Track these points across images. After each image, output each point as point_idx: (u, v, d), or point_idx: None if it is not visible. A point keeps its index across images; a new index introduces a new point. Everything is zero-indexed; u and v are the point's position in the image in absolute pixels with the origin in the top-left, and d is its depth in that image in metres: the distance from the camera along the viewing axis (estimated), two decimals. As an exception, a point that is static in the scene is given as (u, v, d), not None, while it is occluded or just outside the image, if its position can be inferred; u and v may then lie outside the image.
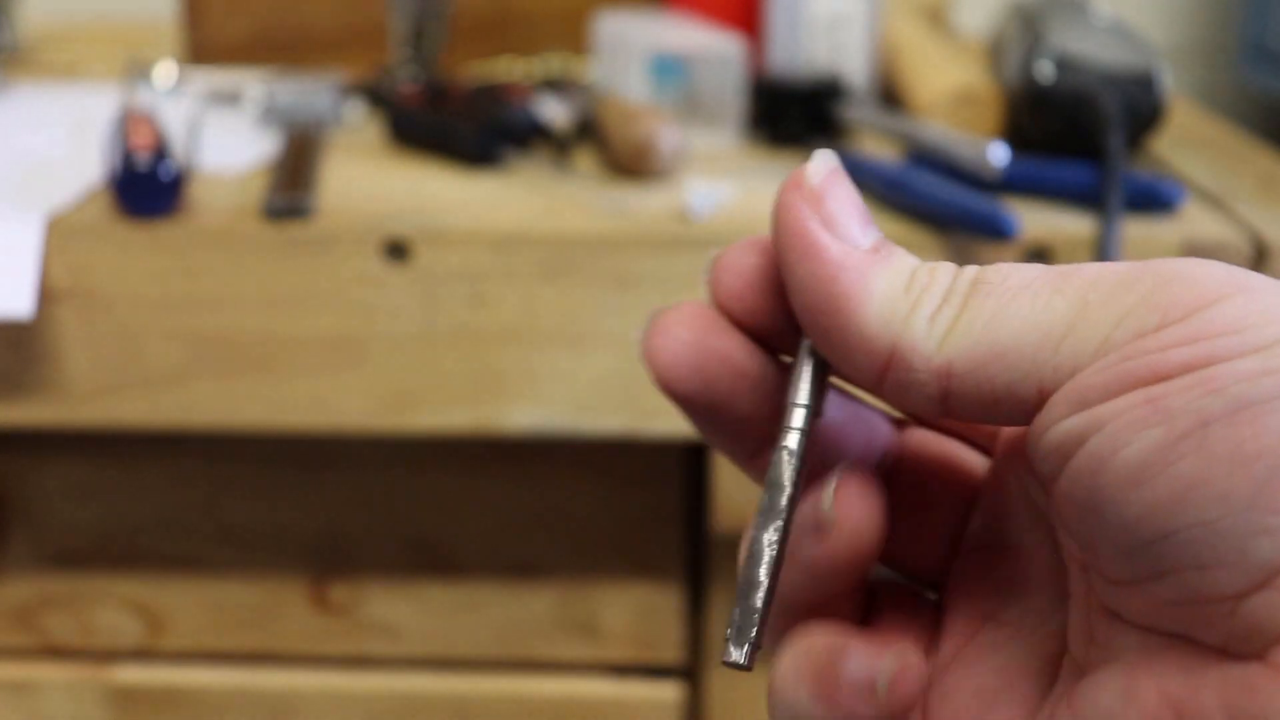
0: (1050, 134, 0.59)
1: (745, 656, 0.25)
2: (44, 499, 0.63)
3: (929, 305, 0.22)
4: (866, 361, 0.23)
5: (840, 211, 0.23)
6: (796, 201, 0.24)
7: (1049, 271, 0.22)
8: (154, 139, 0.55)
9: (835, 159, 0.24)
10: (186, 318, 0.54)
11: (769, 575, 0.24)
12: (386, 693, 0.65)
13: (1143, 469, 0.19)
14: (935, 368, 0.22)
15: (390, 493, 0.63)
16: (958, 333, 0.22)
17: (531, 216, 0.54)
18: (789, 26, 0.68)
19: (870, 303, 0.22)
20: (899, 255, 0.23)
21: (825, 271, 0.23)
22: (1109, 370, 0.20)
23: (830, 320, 0.23)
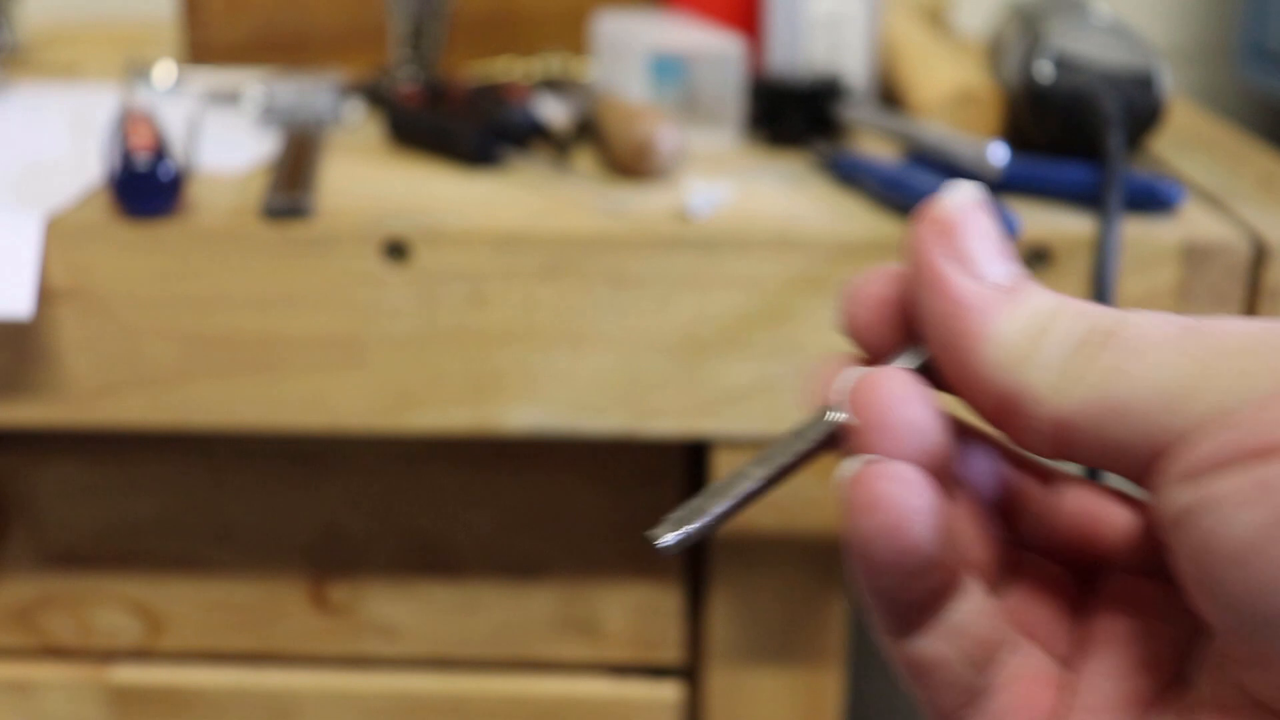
0: (1050, 134, 0.59)
1: (673, 539, 0.24)
2: (43, 499, 0.63)
3: (1050, 352, 0.21)
4: (984, 401, 0.22)
5: (973, 246, 0.23)
6: (927, 234, 0.23)
7: (1178, 327, 0.21)
8: (153, 139, 0.55)
9: (975, 191, 0.24)
10: (186, 317, 0.54)
11: (733, 500, 0.24)
12: (386, 693, 0.65)
13: (1245, 550, 0.19)
14: (1049, 416, 0.21)
15: (390, 493, 0.63)
16: (1076, 384, 0.21)
17: (531, 216, 0.54)
18: (789, 26, 0.68)
19: (990, 344, 0.22)
20: (1032, 295, 0.22)
21: (949, 308, 0.22)
22: (1221, 441, 0.19)
23: (951, 356, 0.23)
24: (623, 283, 0.53)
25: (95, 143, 0.62)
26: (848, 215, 0.55)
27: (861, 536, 0.22)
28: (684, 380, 0.54)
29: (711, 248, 0.53)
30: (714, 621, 0.63)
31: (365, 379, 0.55)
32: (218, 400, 0.55)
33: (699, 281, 0.53)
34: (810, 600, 0.62)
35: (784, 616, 0.62)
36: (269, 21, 0.78)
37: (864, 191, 0.57)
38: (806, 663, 0.63)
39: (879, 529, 0.22)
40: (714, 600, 0.62)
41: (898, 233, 0.53)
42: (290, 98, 0.68)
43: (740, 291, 0.53)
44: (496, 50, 0.80)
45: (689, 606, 0.65)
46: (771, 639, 0.63)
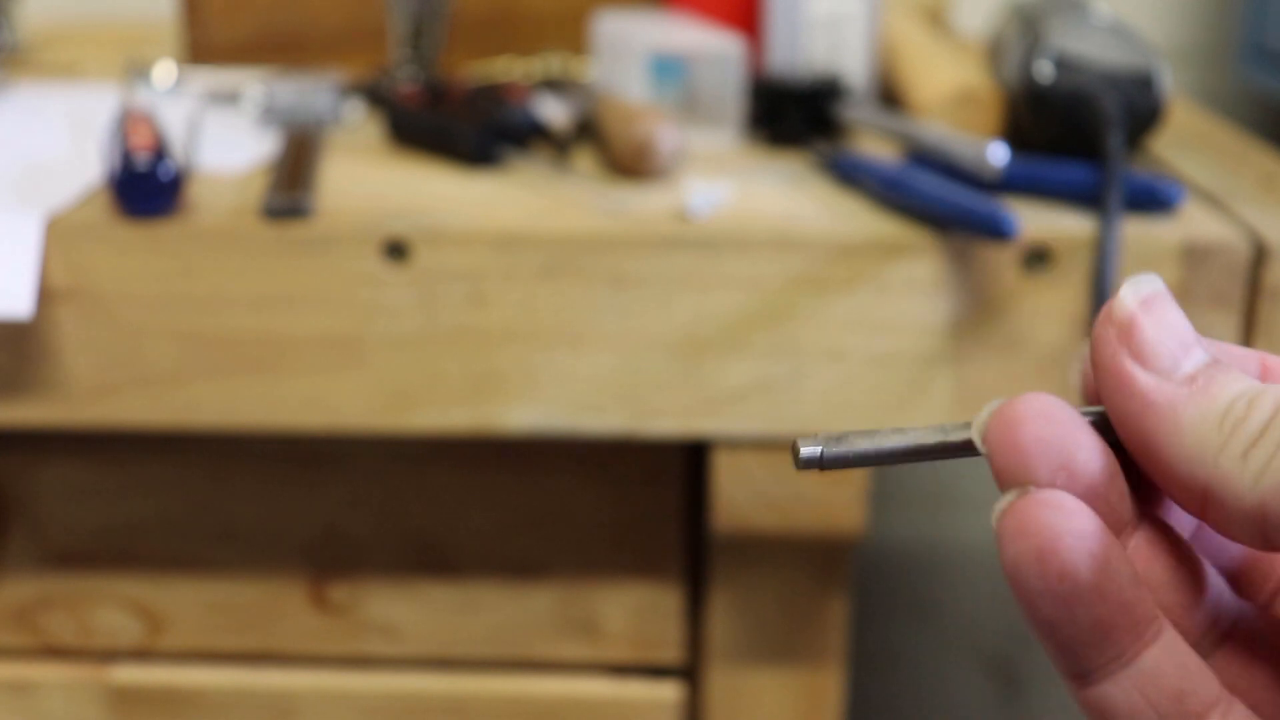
0: (1050, 134, 0.59)
1: (814, 449, 0.24)
2: (43, 499, 0.63)
3: (1242, 442, 0.21)
4: (1183, 497, 0.22)
5: (1154, 340, 0.23)
6: (1107, 334, 0.23)
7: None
8: (153, 139, 0.55)
9: (1156, 282, 0.23)
10: (186, 317, 0.54)
11: (896, 448, 0.24)
12: (386, 692, 0.65)
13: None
14: (1248, 509, 0.21)
15: (390, 493, 0.63)
16: (1271, 475, 0.20)
17: (531, 216, 0.54)
18: (788, 26, 0.68)
19: (1180, 440, 0.22)
20: (1221, 383, 0.22)
21: (1134, 406, 0.22)
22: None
23: (1146, 457, 0.22)
24: (623, 283, 0.53)
25: (95, 143, 0.62)
26: (848, 215, 0.55)
27: (1012, 565, 0.22)
28: (684, 380, 0.54)
29: (711, 248, 0.53)
30: (714, 621, 0.63)
31: (365, 379, 0.55)
32: (218, 400, 0.55)
33: (699, 281, 0.53)
34: (810, 600, 0.62)
35: (784, 616, 0.62)
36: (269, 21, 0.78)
37: (864, 191, 0.57)
38: (806, 663, 0.63)
39: (1027, 554, 0.22)
40: (714, 600, 0.62)
41: (898, 233, 0.53)
42: (290, 98, 0.68)
43: (740, 291, 0.53)
44: (496, 50, 0.80)
45: (689, 606, 0.65)
46: (771, 639, 0.63)
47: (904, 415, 0.55)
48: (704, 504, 0.61)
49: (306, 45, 0.79)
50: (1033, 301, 0.53)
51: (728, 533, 0.58)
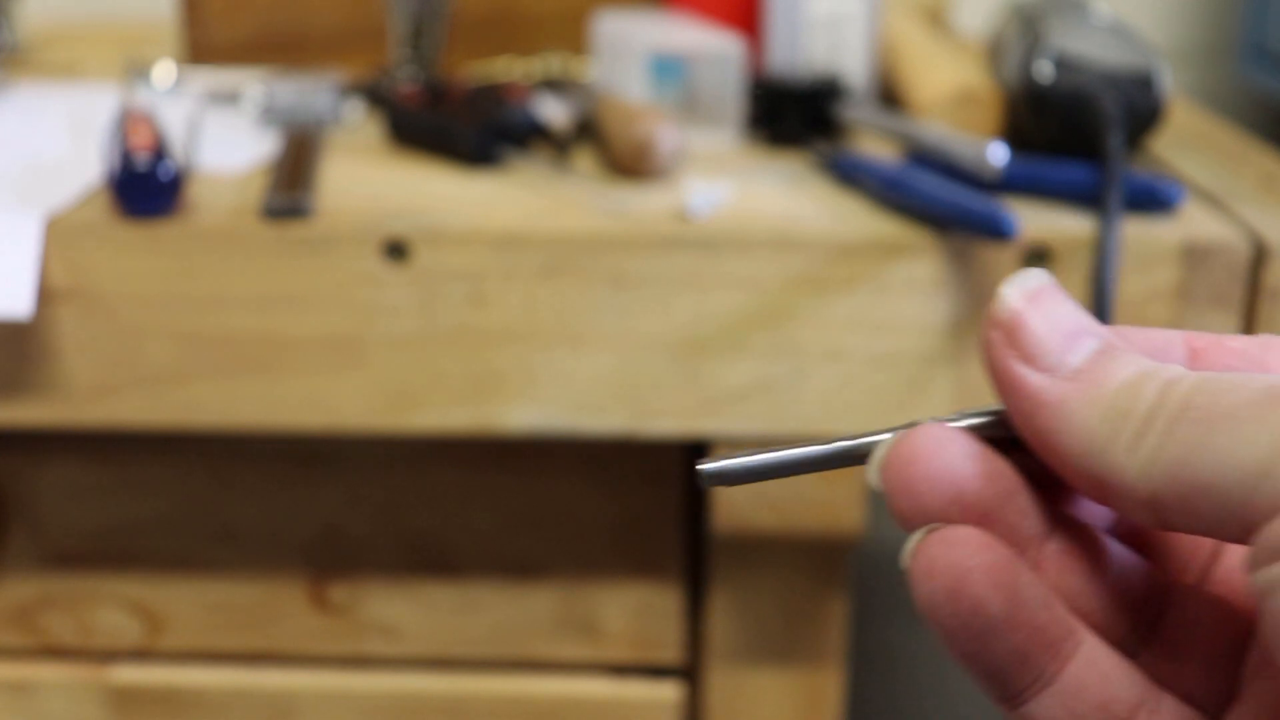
0: (1050, 134, 0.59)
1: (711, 466, 0.25)
2: (43, 499, 0.63)
3: (1128, 434, 0.21)
4: (1084, 489, 0.22)
5: (1039, 336, 0.23)
6: (993, 337, 0.23)
7: (1261, 394, 0.20)
8: (153, 139, 0.55)
9: (1040, 276, 0.23)
10: (186, 318, 0.54)
11: (787, 461, 0.24)
12: (386, 693, 0.65)
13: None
14: (1141, 499, 0.21)
15: (390, 493, 0.63)
16: (1159, 465, 0.21)
17: (531, 216, 0.54)
18: (788, 26, 0.68)
19: (1072, 435, 0.22)
20: (1108, 372, 0.22)
21: (1026, 407, 0.22)
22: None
23: (1044, 454, 0.22)
24: (623, 283, 0.53)
25: (95, 143, 0.62)
26: (848, 215, 0.55)
27: (926, 605, 0.22)
28: (684, 380, 0.54)
29: (711, 248, 0.53)
30: (714, 621, 0.63)
31: (365, 379, 0.55)
32: (218, 400, 0.55)
33: (699, 281, 0.53)
34: (810, 600, 0.62)
35: (784, 616, 0.62)
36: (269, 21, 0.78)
37: (864, 191, 0.57)
38: (806, 663, 0.63)
39: (938, 593, 0.22)
40: (714, 600, 0.62)
41: (898, 233, 0.53)
42: (290, 98, 0.68)
43: (740, 291, 0.53)
44: (496, 50, 0.80)
45: (689, 606, 0.65)
46: (771, 639, 0.63)
47: (904, 415, 0.55)
48: (704, 504, 0.61)
49: (306, 45, 0.79)
50: (1033, 301, 0.53)
51: (728, 533, 0.58)
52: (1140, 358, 0.22)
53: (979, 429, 0.24)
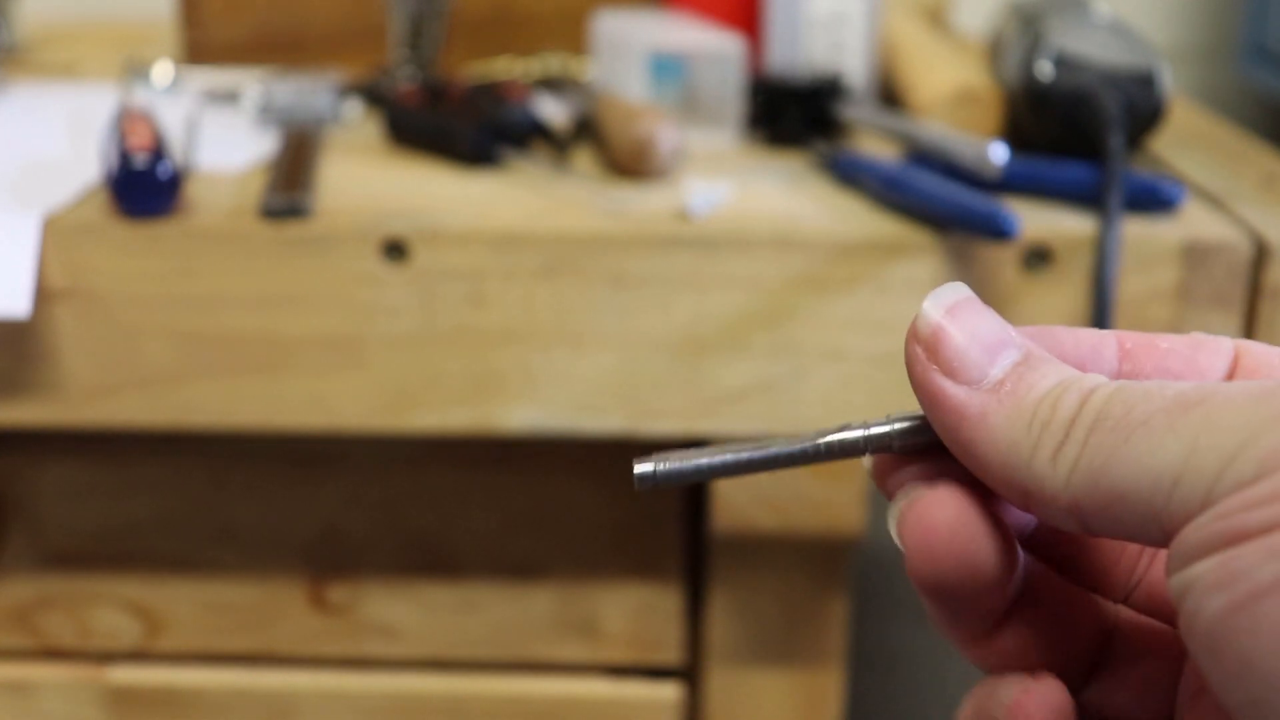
0: (1050, 133, 0.59)
1: (648, 468, 0.25)
2: (41, 499, 0.63)
3: (1049, 444, 0.21)
4: (1009, 499, 0.22)
5: (960, 350, 0.23)
6: (915, 352, 0.23)
7: (1173, 401, 0.20)
8: (152, 138, 0.55)
9: (959, 290, 0.24)
10: (184, 317, 0.54)
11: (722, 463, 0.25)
12: (385, 693, 0.65)
13: (1213, 637, 0.19)
14: (1064, 507, 0.21)
15: (389, 493, 0.63)
16: (1079, 473, 0.21)
17: (530, 216, 0.54)
18: (788, 26, 0.68)
19: (995, 447, 0.22)
20: (1028, 383, 0.22)
21: (950, 420, 0.23)
22: (1204, 530, 0.19)
23: (970, 465, 0.23)
24: (623, 283, 0.53)
25: (93, 142, 0.62)
26: (848, 215, 0.55)
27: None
28: (684, 380, 0.54)
29: (711, 248, 0.53)
30: (714, 622, 0.62)
31: (365, 379, 0.55)
32: (217, 400, 0.55)
33: (699, 281, 0.53)
34: (810, 600, 0.62)
35: (784, 616, 0.62)
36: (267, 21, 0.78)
37: (864, 191, 0.57)
38: (806, 663, 0.63)
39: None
40: (714, 601, 0.62)
41: (898, 232, 0.53)
42: (289, 97, 0.68)
43: (740, 291, 0.53)
44: (496, 50, 0.80)
45: (688, 607, 0.65)
46: (771, 639, 0.63)
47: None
48: (704, 504, 0.61)
49: (305, 45, 0.78)
50: (1033, 301, 0.53)
51: (727, 533, 0.58)
52: (1061, 367, 0.23)
53: (911, 432, 0.24)
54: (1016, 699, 0.23)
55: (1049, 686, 0.23)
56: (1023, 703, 0.23)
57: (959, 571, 0.23)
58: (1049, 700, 0.23)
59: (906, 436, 0.24)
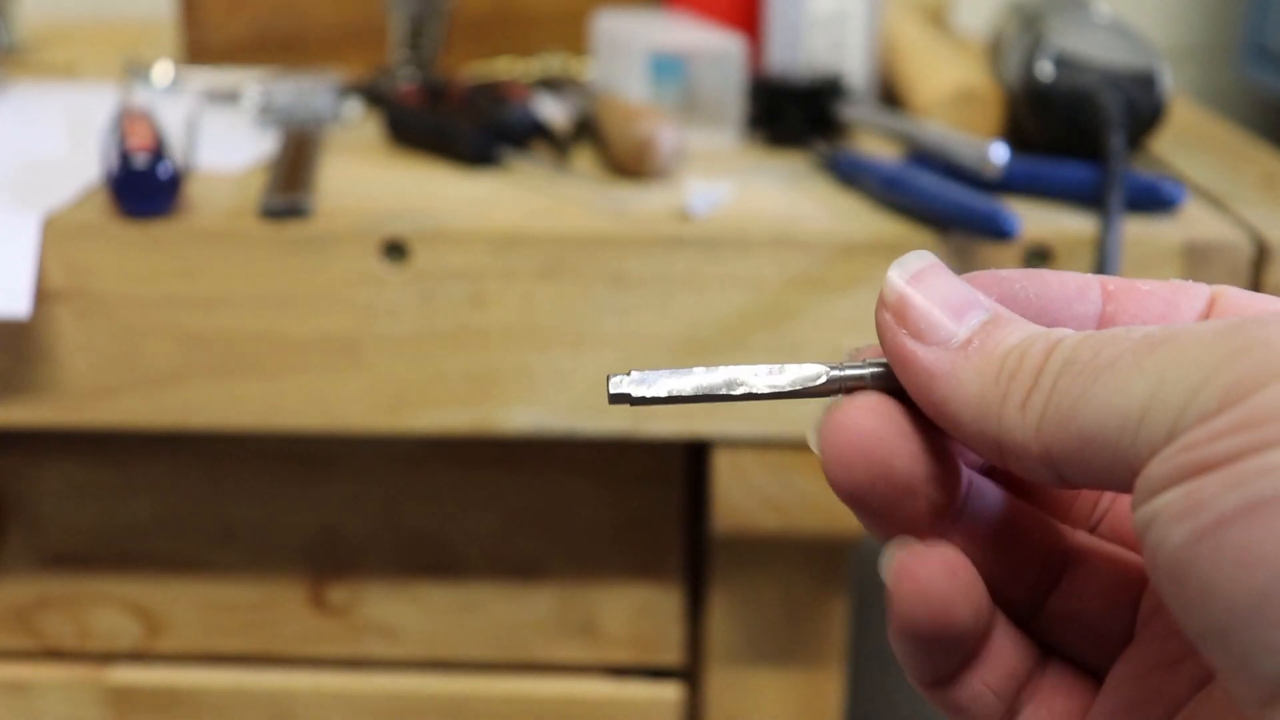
0: (1050, 133, 0.59)
1: (620, 387, 0.25)
2: (41, 500, 0.63)
3: (1018, 393, 0.22)
4: (986, 455, 0.23)
5: (927, 313, 0.23)
6: (884, 319, 0.24)
7: (1139, 342, 0.21)
8: (152, 138, 0.55)
9: (924, 257, 0.24)
10: (184, 317, 0.54)
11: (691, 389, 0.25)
12: (385, 693, 0.65)
13: (1177, 566, 0.19)
14: (1035, 456, 0.22)
15: (389, 493, 0.63)
16: (1048, 420, 0.21)
17: (530, 216, 0.54)
18: (789, 26, 0.68)
19: (966, 402, 0.22)
20: (996, 339, 0.23)
21: (921, 381, 0.23)
22: (1169, 462, 0.19)
23: (943, 423, 0.23)
24: (623, 283, 0.53)
25: (93, 142, 0.62)
26: (848, 215, 0.55)
27: (905, 621, 0.24)
28: (684, 380, 0.54)
29: (711, 248, 0.53)
30: (714, 622, 0.62)
31: (365, 379, 0.55)
32: (217, 400, 0.55)
33: (699, 281, 0.53)
34: (810, 600, 0.62)
35: (784, 617, 0.62)
36: (267, 21, 0.78)
37: (864, 191, 0.57)
38: (806, 663, 0.63)
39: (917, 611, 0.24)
40: (714, 601, 0.62)
41: (898, 232, 0.53)
42: (289, 97, 0.68)
43: (740, 291, 0.53)
44: (496, 50, 0.79)
45: (689, 607, 0.65)
46: (771, 639, 0.63)
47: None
48: (704, 504, 0.61)
49: (305, 45, 0.78)
50: (1034, 301, 0.53)
51: (728, 533, 0.58)
52: (1027, 323, 0.23)
53: (882, 377, 0.25)
54: (898, 557, 0.24)
55: (934, 544, 0.24)
56: (903, 559, 0.24)
57: (870, 476, 0.23)
58: (934, 554, 0.24)
59: (879, 381, 0.25)
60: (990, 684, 0.25)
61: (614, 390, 0.25)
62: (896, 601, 0.24)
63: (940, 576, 0.23)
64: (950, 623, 0.24)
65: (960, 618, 0.24)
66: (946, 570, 0.24)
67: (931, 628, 0.24)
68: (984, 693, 0.25)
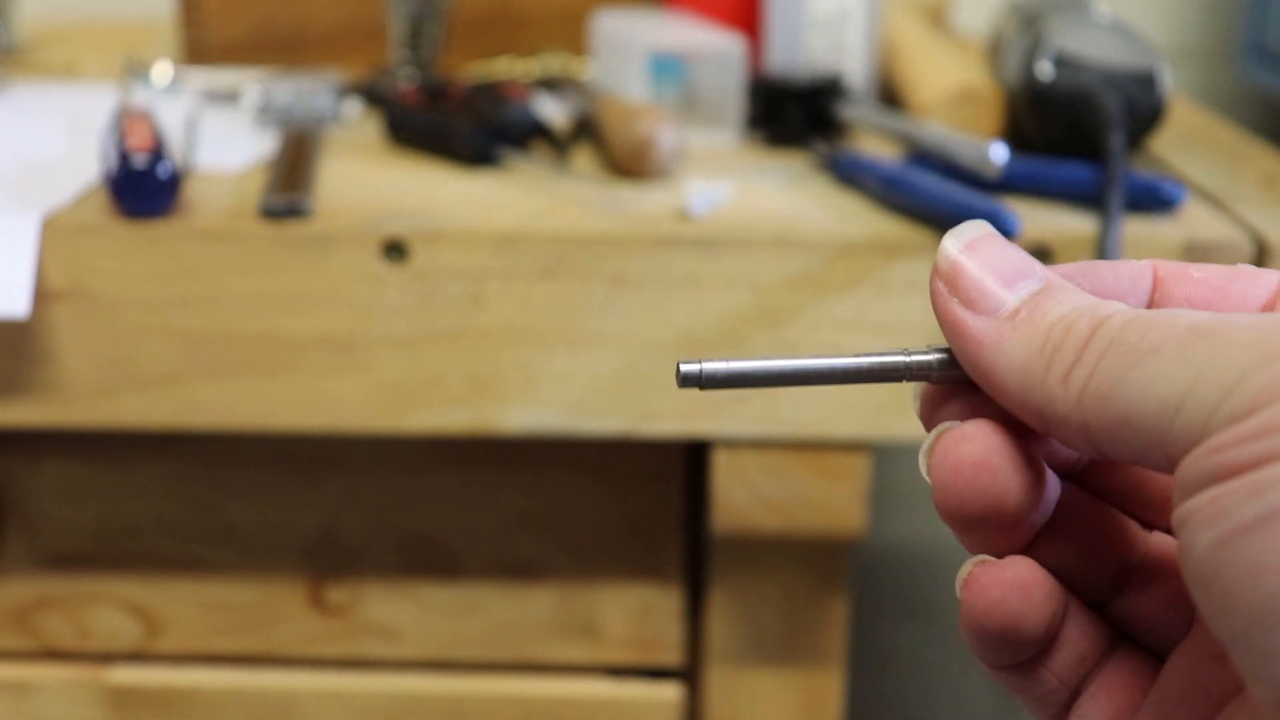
0: (1050, 133, 0.59)
1: (694, 367, 0.26)
2: (40, 500, 0.63)
3: (1061, 365, 0.22)
4: (1031, 423, 0.23)
5: (978, 282, 0.24)
6: (937, 287, 0.24)
7: (1185, 330, 0.21)
8: (151, 138, 0.55)
9: (980, 226, 0.25)
10: (184, 317, 0.54)
11: (768, 373, 0.26)
12: (385, 694, 0.65)
13: (1202, 571, 0.19)
14: (1075, 428, 0.22)
15: (389, 493, 0.63)
16: (1089, 396, 0.22)
17: (530, 216, 0.54)
18: (788, 26, 0.68)
19: (1010, 372, 0.23)
20: (1044, 310, 0.23)
21: (970, 349, 0.23)
22: (1198, 464, 0.19)
23: (991, 391, 0.23)
24: (623, 283, 0.53)
25: (93, 142, 0.62)
26: (848, 215, 0.55)
27: (974, 634, 0.24)
28: (684, 380, 0.54)
29: (711, 248, 0.53)
30: (713, 623, 0.62)
31: (364, 379, 0.54)
32: (216, 400, 0.55)
33: (699, 281, 0.53)
34: (810, 601, 0.62)
35: (784, 617, 0.62)
36: (267, 21, 0.78)
37: (864, 191, 0.57)
38: (806, 664, 0.63)
39: (990, 627, 0.24)
40: (713, 601, 0.62)
41: (898, 232, 0.53)
42: (288, 97, 0.68)
43: (740, 291, 0.53)
44: (495, 50, 0.79)
45: (688, 608, 0.65)
46: (771, 640, 0.63)
47: (904, 414, 0.55)
48: (704, 504, 0.61)
49: (304, 45, 0.78)
50: (1034, 301, 0.53)
51: (728, 533, 0.58)
52: (1078, 294, 0.23)
53: (950, 364, 0.25)
54: (972, 572, 0.24)
55: (1011, 562, 0.24)
56: (977, 575, 0.24)
57: (982, 507, 0.24)
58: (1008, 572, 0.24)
59: (945, 368, 0.25)
60: (1057, 672, 0.25)
61: (685, 371, 0.26)
62: (967, 612, 0.24)
63: (1013, 595, 0.24)
64: (1020, 634, 0.24)
65: (1030, 629, 0.24)
66: (1019, 589, 0.24)
67: (1001, 637, 0.24)
68: (1049, 678, 0.25)
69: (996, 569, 0.24)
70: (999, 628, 0.24)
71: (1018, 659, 0.25)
